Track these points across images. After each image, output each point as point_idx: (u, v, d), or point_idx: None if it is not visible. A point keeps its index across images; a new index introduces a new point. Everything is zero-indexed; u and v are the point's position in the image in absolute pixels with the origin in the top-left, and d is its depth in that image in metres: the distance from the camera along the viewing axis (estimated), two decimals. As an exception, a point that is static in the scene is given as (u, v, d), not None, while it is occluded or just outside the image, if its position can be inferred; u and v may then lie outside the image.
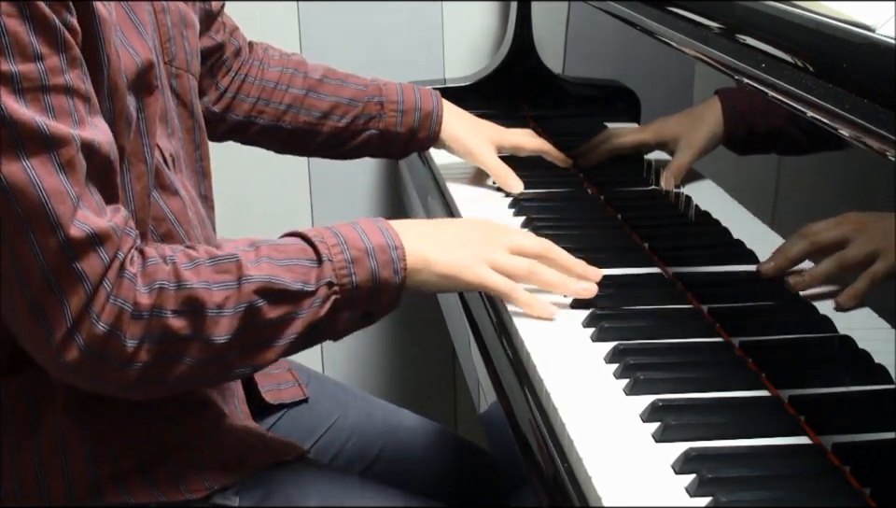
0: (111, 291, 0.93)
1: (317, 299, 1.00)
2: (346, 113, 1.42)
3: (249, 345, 0.99)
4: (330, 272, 1.01)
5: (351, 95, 1.42)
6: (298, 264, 1.00)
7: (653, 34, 1.26)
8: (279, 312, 0.99)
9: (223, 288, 0.97)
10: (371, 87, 1.44)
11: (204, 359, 0.97)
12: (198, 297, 0.96)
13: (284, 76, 1.42)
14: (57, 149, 0.89)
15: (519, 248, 1.10)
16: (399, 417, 1.38)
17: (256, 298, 0.98)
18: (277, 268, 0.99)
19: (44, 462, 1.03)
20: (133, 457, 1.05)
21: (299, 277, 1.00)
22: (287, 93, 1.41)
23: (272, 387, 1.28)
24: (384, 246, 1.03)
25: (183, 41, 1.14)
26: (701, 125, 1.17)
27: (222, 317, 0.97)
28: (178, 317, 0.95)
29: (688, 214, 1.23)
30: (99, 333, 0.92)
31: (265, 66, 1.42)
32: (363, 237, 1.03)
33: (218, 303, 0.96)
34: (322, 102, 1.42)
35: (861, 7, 0.94)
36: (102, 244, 0.92)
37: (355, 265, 1.01)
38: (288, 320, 1.00)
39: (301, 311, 1.00)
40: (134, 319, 0.94)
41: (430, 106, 1.44)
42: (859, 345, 0.90)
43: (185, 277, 0.96)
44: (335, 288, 1.01)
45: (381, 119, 1.43)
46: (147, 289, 0.95)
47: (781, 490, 0.81)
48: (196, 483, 1.06)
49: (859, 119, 0.83)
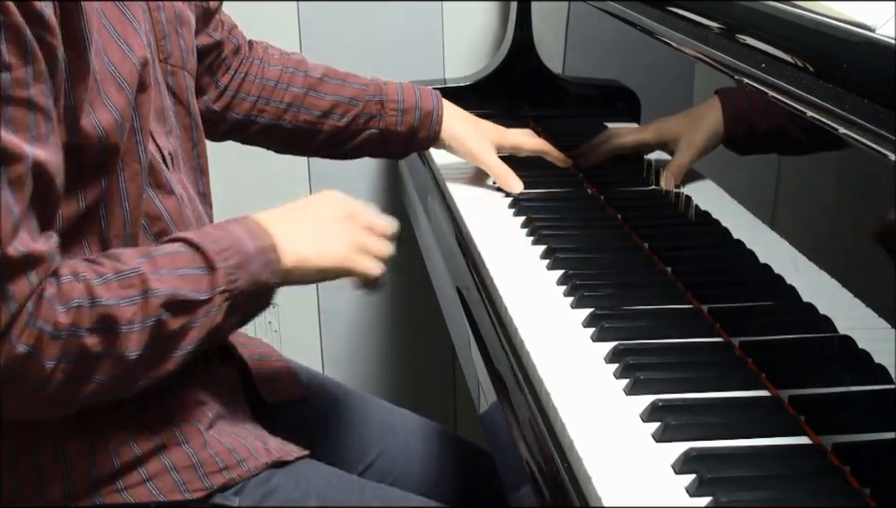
0: (32, 313, 0.91)
1: (213, 307, 1.01)
2: (347, 112, 1.42)
3: (154, 358, 0.99)
4: (222, 279, 1.01)
5: (351, 94, 1.42)
6: (192, 274, 1.00)
7: (653, 34, 1.26)
8: (180, 323, 0.99)
9: (131, 303, 0.96)
10: (372, 86, 1.44)
11: (114, 376, 0.97)
12: (111, 314, 0.95)
13: (284, 74, 1.41)
14: (8, 165, 0.87)
15: (373, 227, 1.14)
16: (399, 418, 1.38)
17: (161, 311, 0.97)
18: (176, 279, 0.99)
19: (43, 462, 1.03)
20: (131, 457, 1.05)
21: (195, 287, 1.00)
22: (287, 92, 1.41)
23: (271, 388, 1.28)
24: (264, 248, 1.04)
25: (178, 38, 1.14)
26: (701, 125, 1.17)
27: (133, 333, 0.96)
28: (93, 335, 0.94)
29: (688, 214, 1.23)
30: (18, 354, 0.90)
31: (265, 65, 1.41)
32: (246, 240, 1.04)
33: (129, 318, 0.96)
34: (322, 101, 1.41)
35: (861, 7, 0.94)
36: (34, 268, 0.90)
37: (240, 270, 1.02)
38: (188, 330, 1.00)
39: (198, 320, 1.00)
40: (53, 340, 0.92)
41: (431, 106, 1.44)
42: (859, 345, 0.90)
43: (97, 294, 0.95)
44: (226, 294, 1.01)
45: (381, 119, 1.43)
46: (65, 309, 0.93)
47: (781, 490, 0.81)
48: (195, 483, 1.06)
49: (859, 119, 0.83)
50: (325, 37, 1.96)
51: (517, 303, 1.13)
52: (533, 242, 1.30)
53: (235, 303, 1.02)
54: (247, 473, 1.09)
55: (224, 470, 1.08)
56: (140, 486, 1.05)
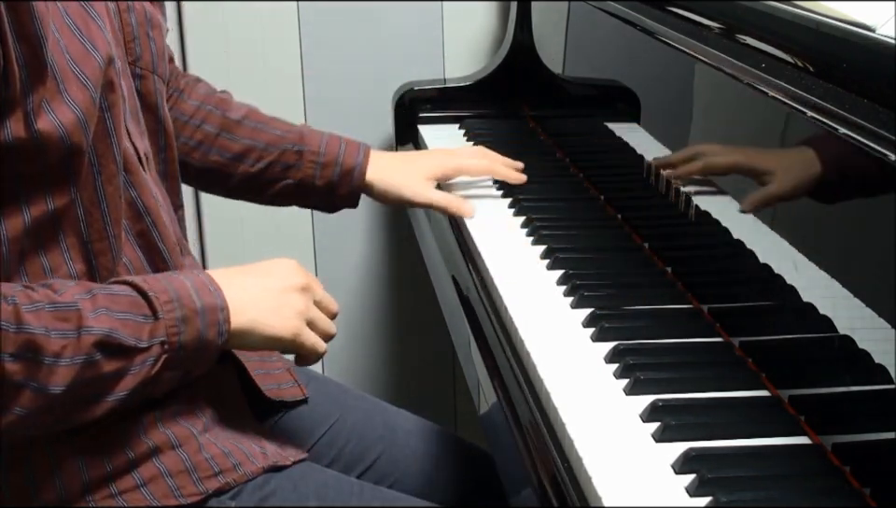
0: None
1: (150, 357, 0.98)
2: (260, 158, 1.36)
3: (80, 399, 0.96)
4: (163, 330, 0.98)
5: (267, 140, 1.36)
6: (133, 319, 0.97)
7: (653, 34, 1.26)
8: (113, 367, 0.96)
9: (62, 336, 0.93)
10: (292, 135, 1.38)
11: (35, 409, 0.93)
12: (37, 342, 0.91)
13: (200, 111, 1.36)
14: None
15: (322, 302, 1.13)
16: (399, 419, 1.37)
17: (94, 351, 0.94)
18: (115, 321, 0.96)
19: (35, 466, 1.02)
20: (125, 461, 1.04)
21: (134, 332, 0.97)
22: (198, 130, 1.35)
23: (272, 386, 1.28)
24: (214, 306, 1.02)
25: (149, 42, 1.12)
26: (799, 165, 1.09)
27: (58, 367, 0.93)
28: (15, 362, 0.90)
29: (688, 214, 1.23)
30: None
31: (183, 97, 1.36)
32: (194, 295, 1.01)
33: (56, 351, 0.92)
34: (235, 144, 1.36)
35: (861, 7, 0.94)
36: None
37: (185, 324, 0.99)
38: (120, 376, 0.97)
39: (133, 367, 0.97)
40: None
41: (353, 163, 1.37)
42: (859, 345, 0.90)
43: (25, 320, 0.91)
44: (166, 346, 0.99)
45: (298, 169, 1.37)
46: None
47: (781, 490, 0.81)
48: (190, 487, 1.06)
49: (859, 119, 0.83)
50: (325, 37, 1.96)
51: (517, 302, 1.13)
52: (533, 242, 1.30)
53: (175, 357, 0.99)
54: (244, 477, 1.09)
55: (219, 474, 1.08)
56: (134, 490, 1.04)
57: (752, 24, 1.08)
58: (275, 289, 1.08)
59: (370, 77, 1.97)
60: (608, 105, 1.56)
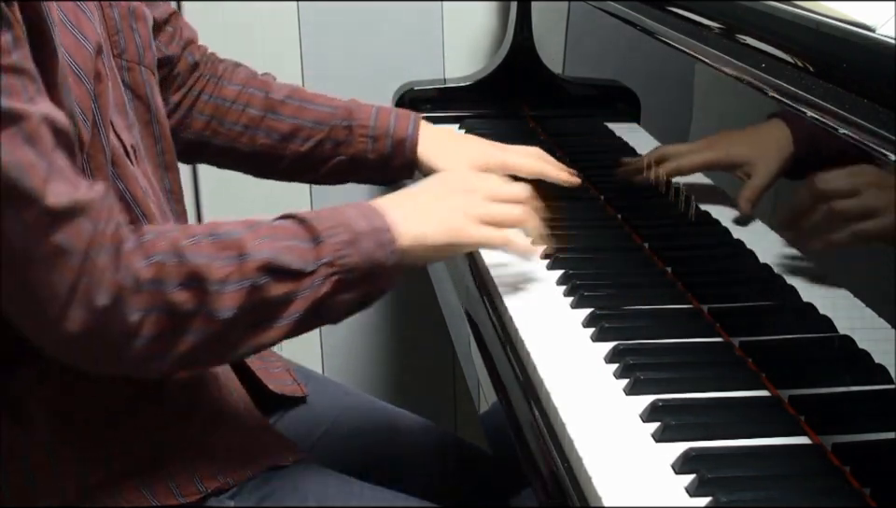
0: (107, 264, 0.91)
1: (317, 278, 1.00)
2: (310, 137, 1.34)
3: (253, 323, 0.99)
4: (328, 252, 1.00)
5: (315, 118, 1.34)
6: (297, 245, 1.00)
7: (653, 34, 1.26)
8: (281, 290, 0.98)
9: (225, 263, 0.96)
10: (341, 110, 1.34)
11: (209, 335, 0.96)
12: (200, 271, 0.95)
13: (242, 94, 1.34)
14: (18, 123, 0.86)
15: (498, 195, 1.11)
16: (399, 418, 1.37)
17: (258, 275, 0.97)
18: (278, 247, 0.99)
19: (34, 466, 1.02)
20: (124, 460, 1.04)
21: (298, 257, 0.99)
22: (243, 113, 1.34)
23: (272, 382, 1.28)
24: (377, 228, 1.03)
25: (133, 34, 1.12)
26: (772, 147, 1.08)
27: (225, 293, 0.96)
28: (182, 291, 0.94)
29: (688, 214, 1.23)
30: (99, 306, 0.91)
31: (223, 82, 1.35)
32: (356, 220, 1.03)
33: (221, 278, 0.96)
34: (282, 124, 1.34)
35: (861, 7, 0.94)
36: (82, 214, 0.90)
37: (350, 247, 1.01)
38: (290, 299, 0.99)
39: (302, 290, 0.99)
40: (136, 292, 0.93)
41: (405, 134, 1.34)
42: (859, 345, 0.90)
43: (186, 252, 0.95)
44: (333, 268, 1.00)
45: (350, 145, 1.34)
46: (146, 263, 0.94)
47: (781, 490, 0.81)
48: (189, 486, 1.06)
49: (859, 119, 0.83)
50: (325, 37, 1.96)
51: (517, 302, 1.13)
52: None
53: (346, 279, 1.01)
54: (243, 477, 1.09)
55: (219, 473, 1.07)
56: (133, 490, 1.04)
57: (752, 24, 1.08)
58: (436, 198, 1.10)
59: (370, 77, 1.97)
60: (608, 105, 1.56)
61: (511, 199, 1.13)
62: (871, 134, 0.81)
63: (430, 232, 1.07)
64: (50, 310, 0.90)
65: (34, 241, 0.88)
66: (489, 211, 1.10)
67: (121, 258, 0.92)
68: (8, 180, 0.86)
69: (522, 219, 1.12)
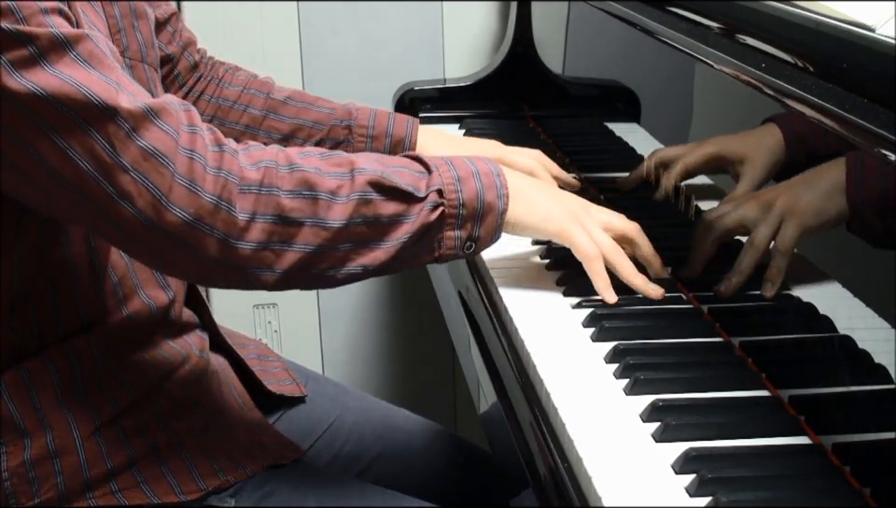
0: (205, 162, 0.94)
1: (428, 204, 1.02)
2: (310, 137, 1.36)
3: (361, 238, 1.00)
4: (439, 181, 1.03)
5: (315, 118, 1.36)
6: (408, 171, 1.03)
7: (653, 34, 1.26)
8: (391, 210, 1.01)
9: (336, 176, 1.00)
10: (340, 111, 1.37)
11: (318, 246, 0.98)
12: (311, 180, 0.98)
13: (244, 95, 1.37)
14: (75, 47, 0.91)
15: (608, 225, 1.11)
16: (399, 418, 1.38)
17: (369, 189, 1.00)
18: (388, 169, 1.02)
19: (36, 463, 1.02)
20: (125, 458, 1.04)
21: (409, 181, 1.02)
22: (245, 114, 1.36)
23: (270, 382, 1.28)
24: (489, 171, 1.06)
25: (135, 32, 1.13)
26: (762, 150, 1.10)
27: (335, 203, 0.99)
28: (292, 198, 0.97)
29: (688, 214, 1.23)
30: (204, 203, 0.93)
31: (224, 84, 1.37)
32: (469, 162, 1.06)
33: (332, 189, 0.99)
34: (283, 124, 1.36)
35: (861, 7, 0.94)
36: (160, 116, 0.93)
37: (461, 183, 1.04)
38: (400, 220, 1.01)
39: (411, 213, 1.02)
40: (243, 193, 0.95)
41: (403, 133, 1.36)
42: (859, 345, 0.90)
43: (297, 161, 0.99)
44: (444, 198, 1.03)
45: (349, 145, 1.36)
46: (254, 166, 0.97)
47: (781, 490, 0.81)
48: (190, 484, 1.06)
49: (859, 119, 0.83)
50: (325, 37, 1.96)
51: (517, 303, 1.13)
52: (533, 242, 1.29)
53: (455, 213, 1.03)
54: (243, 475, 1.09)
55: (219, 472, 1.08)
56: (134, 488, 1.04)
57: (752, 24, 1.08)
58: (550, 188, 1.14)
59: (370, 77, 1.97)
60: (608, 105, 1.56)
61: (617, 232, 1.12)
62: (871, 134, 0.81)
63: (535, 199, 1.08)
64: (152, 213, 0.93)
65: (121, 149, 0.91)
66: (589, 225, 1.10)
67: (223, 157, 0.95)
68: (81, 101, 0.90)
69: (611, 252, 1.10)
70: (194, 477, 1.06)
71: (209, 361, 1.16)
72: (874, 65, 0.89)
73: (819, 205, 0.96)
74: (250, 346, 1.31)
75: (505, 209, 1.06)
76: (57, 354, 1.03)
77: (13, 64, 0.88)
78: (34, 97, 0.89)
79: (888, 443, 0.82)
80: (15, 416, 1.02)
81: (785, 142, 1.05)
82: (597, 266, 1.09)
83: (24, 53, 0.88)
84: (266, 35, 1.95)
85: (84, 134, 0.90)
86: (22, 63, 0.88)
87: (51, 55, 0.90)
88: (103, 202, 0.92)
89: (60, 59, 0.90)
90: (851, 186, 0.90)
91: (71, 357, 1.03)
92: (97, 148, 0.91)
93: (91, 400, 1.04)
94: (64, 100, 0.89)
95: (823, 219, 0.96)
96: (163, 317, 1.11)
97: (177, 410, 1.09)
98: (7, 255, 1.00)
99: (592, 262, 1.09)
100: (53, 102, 0.89)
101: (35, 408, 1.02)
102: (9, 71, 0.88)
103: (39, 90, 0.89)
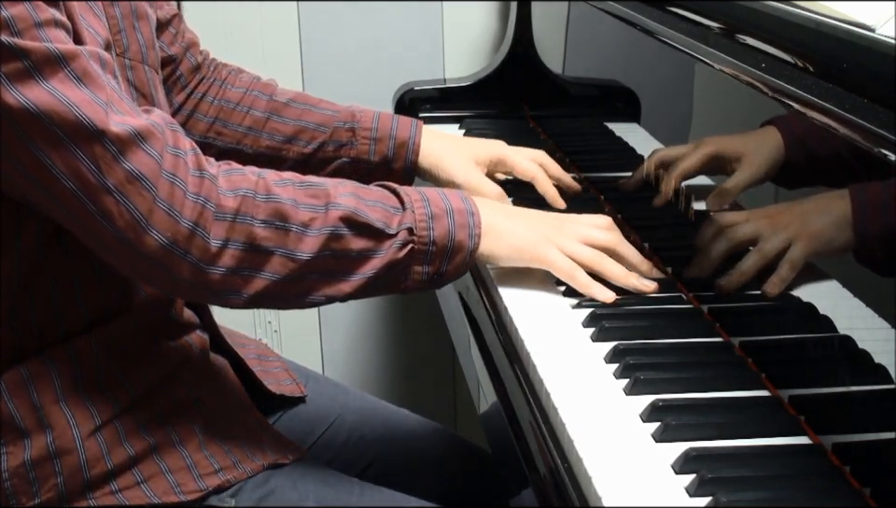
0: (185, 187, 0.96)
1: (397, 241, 1.04)
2: (313, 139, 1.35)
3: (328, 271, 1.03)
4: (411, 220, 1.05)
5: (318, 120, 1.35)
6: (382, 206, 1.05)
7: (653, 34, 1.26)
8: (360, 245, 1.03)
9: (310, 209, 1.01)
10: (343, 113, 1.36)
11: (285, 275, 1.01)
12: (285, 211, 1.00)
13: (246, 97, 1.36)
14: (69, 64, 0.93)
15: (589, 239, 1.12)
16: (399, 418, 1.38)
17: (340, 225, 1.02)
18: (363, 204, 1.04)
19: (36, 463, 1.02)
20: (125, 458, 1.04)
21: (381, 217, 1.04)
22: (247, 115, 1.35)
23: (271, 382, 1.28)
24: (462, 209, 1.08)
25: (135, 32, 1.13)
26: (762, 148, 1.10)
27: (307, 236, 1.01)
28: (265, 227, 0.99)
29: (688, 214, 1.23)
30: (181, 228, 0.96)
31: (227, 86, 1.36)
32: (444, 199, 1.08)
33: (304, 221, 1.01)
34: (285, 126, 1.35)
35: (861, 7, 0.94)
36: (146, 140, 0.95)
37: (434, 221, 1.05)
38: (368, 256, 1.03)
39: (381, 249, 1.04)
40: (218, 220, 0.98)
41: (407, 135, 1.35)
42: (859, 345, 0.90)
43: (274, 191, 1.01)
44: (414, 236, 1.04)
45: (352, 147, 1.35)
46: (232, 194, 0.99)
47: (781, 490, 0.81)
48: (190, 484, 1.06)
49: (859, 119, 0.83)
50: (325, 37, 1.96)
51: (516, 302, 1.13)
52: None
53: (426, 250, 1.05)
54: (244, 475, 1.09)
55: (220, 471, 1.08)
56: (134, 487, 1.05)
57: (752, 24, 1.08)
58: (525, 214, 1.15)
59: (370, 77, 1.97)
60: (608, 105, 1.56)
61: (599, 245, 1.12)
62: (871, 134, 0.81)
63: (509, 231, 1.10)
64: (131, 234, 0.95)
65: (106, 171, 0.94)
66: (566, 244, 1.11)
67: (202, 183, 0.97)
68: (71, 121, 0.92)
69: (592, 262, 1.11)
70: (194, 477, 1.06)
71: (209, 361, 1.16)
72: (874, 65, 0.89)
73: (829, 235, 0.98)
74: (250, 347, 1.31)
75: (475, 248, 1.08)
76: (57, 354, 1.03)
77: (8, 78, 0.90)
78: (25, 112, 0.91)
79: (888, 443, 0.82)
80: (15, 416, 1.02)
81: (784, 143, 1.06)
82: (581, 280, 1.10)
83: (19, 66, 0.90)
84: (266, 35, 1.95)
85: (70, 153, 0.93)
86: (17, 76, 0.90)
87: (45, 70, 0.91)
88: (84, 219, 0.95)
89: (54, 74, 0.92)
90: (857, 221, 0.92)
91: (71, 357, 1.04)
92: (82, 169, 0.93)
93: (92, 400, 1.04)
94: (55, 117, 0.92)
95: (831, 248, 0.98)
96: (164, 317, 1.11)
97: (178, 410, 1.09)
98: (7, 255, 1.00)
99: (573, 279, 1.10)
100: (44, 118, 0.91)
101: (36, 408, 1.02)
102: (5, 84, 0.90)
103: (31, 105, 0.91)
